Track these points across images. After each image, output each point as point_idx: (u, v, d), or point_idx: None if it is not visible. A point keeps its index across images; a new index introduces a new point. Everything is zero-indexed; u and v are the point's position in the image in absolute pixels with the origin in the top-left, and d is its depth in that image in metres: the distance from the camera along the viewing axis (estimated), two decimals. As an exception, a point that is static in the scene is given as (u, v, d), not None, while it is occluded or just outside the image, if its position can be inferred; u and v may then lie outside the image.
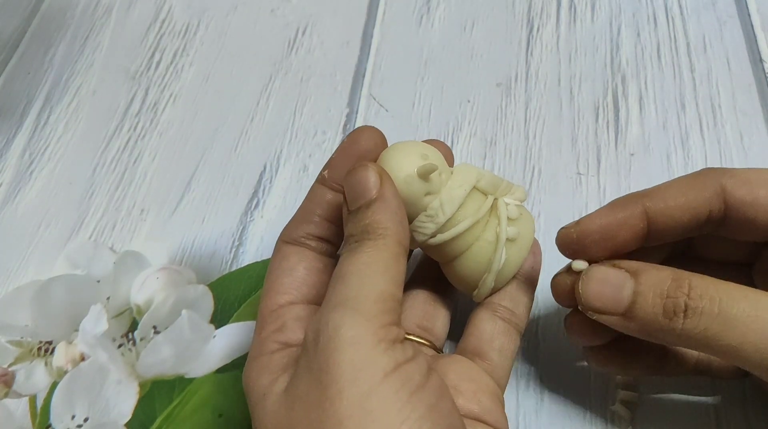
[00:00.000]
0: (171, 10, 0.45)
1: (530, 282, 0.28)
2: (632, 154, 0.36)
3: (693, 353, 0.27)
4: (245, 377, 0.23)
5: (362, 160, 0.24)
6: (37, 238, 0.35)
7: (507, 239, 0.25)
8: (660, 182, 0.35)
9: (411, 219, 0.25)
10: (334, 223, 0.25)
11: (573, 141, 0.37)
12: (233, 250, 0.35)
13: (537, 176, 0.36)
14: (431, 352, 0.27)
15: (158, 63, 0.42)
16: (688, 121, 0.38)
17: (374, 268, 0.21)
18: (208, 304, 0.33)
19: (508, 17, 0.43)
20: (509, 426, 0.28)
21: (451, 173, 0.25)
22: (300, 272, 0.24)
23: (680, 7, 0.43)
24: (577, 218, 0.34)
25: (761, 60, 0.39)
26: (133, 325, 0.32)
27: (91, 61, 0.43)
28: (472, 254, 0.26)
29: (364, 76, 0.41)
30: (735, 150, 0.36)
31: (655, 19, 0.42)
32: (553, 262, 0.27)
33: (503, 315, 0.27)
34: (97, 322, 0.32)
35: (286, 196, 0.36)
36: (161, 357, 0.31)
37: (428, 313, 0.28)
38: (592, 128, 0.38)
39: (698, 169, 0.35)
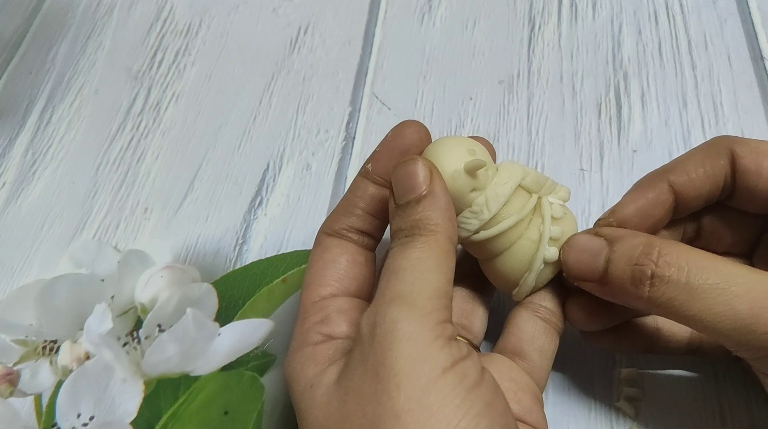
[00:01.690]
0: (173, 10, 0.45)
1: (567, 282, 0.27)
2: (635, 151, 0.37)
3: (684, 332, 0.27)
4: (289, 367, 0.23)
5: (406, 154, 0.24)
6: (41, 238, 0.35)
7: (550, 238, 0.25)
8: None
9: (455, 214, 0.25)
10: (376, 216, 0.25)
11: (576, 137, 0.37)
12: (237, 248, 0.35)
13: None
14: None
15: (160, 62, 0.42)
16: (689, 118, 0.38)
17: (427, 264, 0.21)
18: (212, 302, 0.33)
19: (509, 15, 0.43)
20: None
21: (497, 170, 0.25)
22: (342, 264, 0.24)
23: (681, 5, 0.43)
24: (580, 215, 0.34)
25: (762, 57, 0.40)
26: (138, 324, 0.32)
27: (93, 61, 0.43)
28: (514, 252, 0.25)
29: (366, 74, 0.41)
30: (737, 146, 0.36)
31: (656, 16, 0.42)
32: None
33: (544, 315, 0.27)
34: (101, 321, 0.32)
35: (290, 194, 0.36)
36: (166, 355, 0.31)
37: (467, 310, 0.28)
38: (594, 125, 0.38)
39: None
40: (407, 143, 0.25)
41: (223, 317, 0.32)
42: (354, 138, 0.38)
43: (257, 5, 0.45)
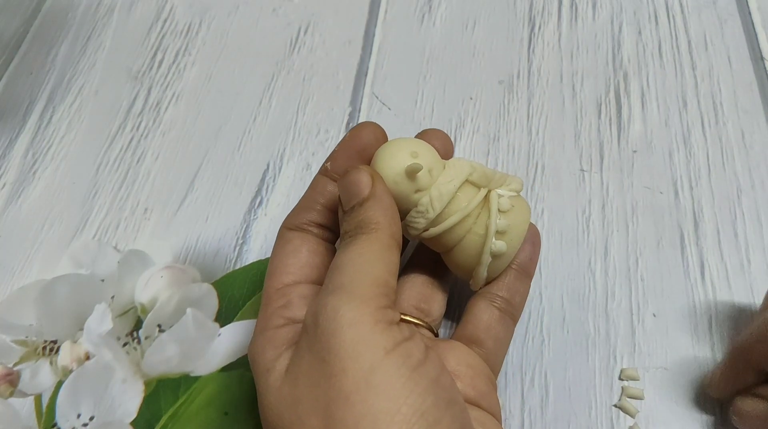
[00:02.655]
0: (173, 10, 0.45)
1: (527, 272, 0.28)
2: (635, 151, 0.37)
3: None
4: (251, 351, 0.24)
5: (362, 153, 0.26)
6: (41, 238, 0.35)
7: (497, 232, 0.26)
8: (662, 179, 0.35)
9: (404, 215, 0.26)
10: (335, 211, 0.26)
11: (576, 138, 0.37)
12: (237, 248, 0.35)
13: (540, 173, 0.36)
14: (428, 333, 0.28)
15: (160, 63, 0.42)
16: (689, 119, 0.38)
17: (367, 257, 0.22)
18: (212, 302, 0.33)
19: (509, 15, 0.43)
20: (515, 422, 0.28)
21: (443, 168, 0.26)
22: (304, 254, 0.25)
23: (681, 5, 0.43)
24: (580, 215, 0.34)
25: (762, 57, 0.40)
26: (138, 324, 0.32)
27: (94, 61, 0.43)
28: (463, 247, 0.26)
29: (366, 74, 0.41)
30: (736, 147, 0.36)
31: (656, 17, 0.42)
32: (557, 258, 0.27)
33: (499, 305, 0.28)
34: (101, 321, 0.32)
35: (290, 194, 0.36)
36: (166, 355, 0.31)
37: (425, 295, 0.29)
38: (594, 125, 0.38)
39: (700, 168, 0.36)
40: (364, 143, 0.26)
41: (223, 317, 0.32)
42: (354, 138, 0.38)
43: (257, 5, 0.45)
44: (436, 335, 0.29)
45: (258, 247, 0.35)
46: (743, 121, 0.37)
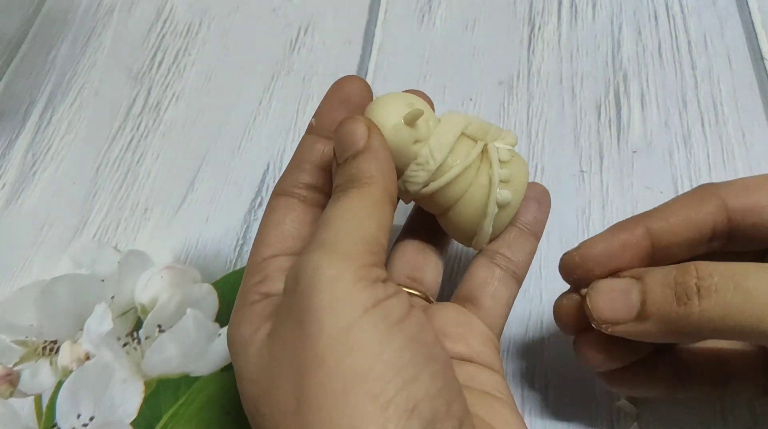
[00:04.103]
0: (173, 10, 0.45)
1: (532, 230, 0.27)
2: (635, 152, 0.37)
3: (709, 366, 0.26)
4: (228, 332, 0.23)
5: (347, 104, 0.24)
6: (41, 238, 0.35)
7: (500, 181, 0.25)
8: (662, 179, 0.35)
9: (402, 170, 0.25)
10: (325, 170, 0.25)
11: (575, 139, 0.37)
12: (237, 248, 0.35)
13: (540, 174, 0.36)
14: (423, 303, 0.27)
15: (160, 63, 0.42)
16: (689, 119, 0.38)
17: (356, 213, 0.21)
18: (212, 302, 0.33)
19: (509, 16, 0.43)
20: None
21: (438, 121, 0.25)
22: (287, 225, 0.24)
23: (681, 5, 0.43)
24: (580, 216, 0.34)
25: (762, 57, 0.40)
26: (138, 324, 0.32)
27: (94, 61, 0.43)
28: (466, 200, 0.25)
29: (366, 74, 0.41)
30: (737, 147, 0.36)
31: (656, 17, 0.42)
32: (557, 259, 0.27)
33: (500, 262, 0.27)
34: (101, 322, 0.32)
35: (290, 194, 0.36)
36: (166, 356, 0.31)
37: (419, 263, 0.28)
38: (594, 126, 0.38)
39: (700, 168, 0.36)
40: (347, 95, 0.25)
41: (224, 318, 0.32)
42: (354, 138, 0.38)
43: (257, 5, 0.45)
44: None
45: (258, 248, 0.34)
46: (743, 121, 0.37)
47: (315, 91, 0.40)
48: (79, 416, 0.30)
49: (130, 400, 0.30)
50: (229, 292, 0.33)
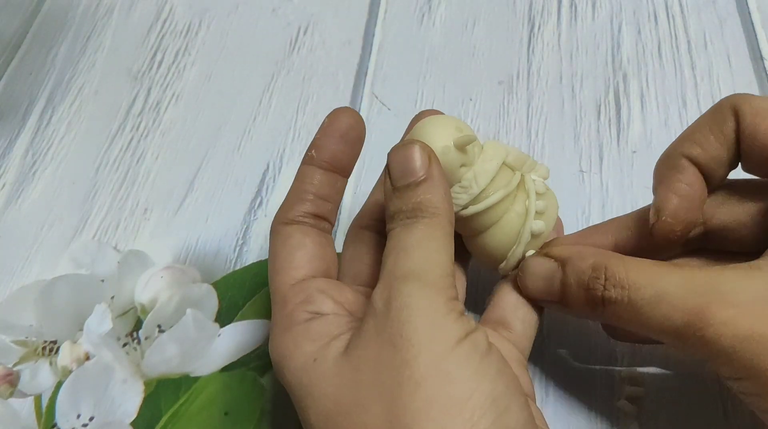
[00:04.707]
0: (172, 10, 0.45)
1: None
2: (634, 152, 0.37)
3: None
4: (279, 348, 0.23)
5: (345, 137, 0.25)
6: (41, 238, 0.35)
7: (536, 212, 0.26)
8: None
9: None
10: (328, 200, 0.26)
11: (575, 138, 0.37)
12: (237, 248, 0.35)
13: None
14: None
15: (160, 63, 0.42)
16: (689, 118, 0.38)
17: (434, 244, 0.22)
18: (212, 302, 0.33)
19: (509, 15, 0.43)
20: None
21: (482, 148, 0.26)
22: (309, 246, 0.25)
23: (681, 5, 0.43)
24: (580, 215, 0.34)
25: (762, 57, 0.40)
26: (138, 324, 0.32)
27: (93, 61, 0.43)
28: (501, 226, 0.26)
29: (366, 74, 0.41)
30: (736, 147, 0.36)
31: (655, 16, 0.42)
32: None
33: None
34: (101, 322, 0.32)
35: (290, 194, 0.36)
36: (166, 356, 0.31)
37: None
38: (594, 126, 0.38)
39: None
40: (345, 127, 0.25)
41: (224, 318, 0.32)
42: (354, 138, 0.38)
43: (257, 5, 0.45)
44: None
45: (258, 248, 0.34)
46: (743, 121, 0.37)
47: (315, 91, 0.40)
48: (78, 416, 0.30)
49: (130, 400, 0.30)
50: (229, 292, 0.33)
